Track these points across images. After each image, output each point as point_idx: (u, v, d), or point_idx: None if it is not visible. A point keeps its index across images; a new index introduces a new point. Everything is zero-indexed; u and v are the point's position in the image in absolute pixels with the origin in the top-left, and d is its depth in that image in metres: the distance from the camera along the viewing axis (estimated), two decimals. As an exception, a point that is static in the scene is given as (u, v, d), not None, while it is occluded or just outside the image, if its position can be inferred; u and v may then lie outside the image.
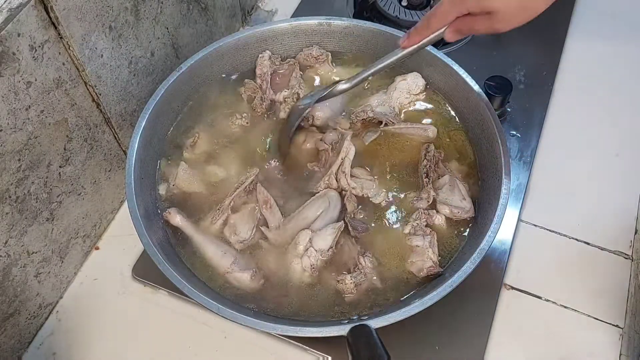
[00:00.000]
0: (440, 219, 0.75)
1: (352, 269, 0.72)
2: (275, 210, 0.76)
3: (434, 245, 0.73)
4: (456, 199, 0.77)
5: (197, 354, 0.78)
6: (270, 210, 0.76)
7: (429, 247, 0.72)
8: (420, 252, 0.72)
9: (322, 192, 0.77)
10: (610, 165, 0.94)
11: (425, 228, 0.74)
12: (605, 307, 0.81)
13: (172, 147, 0.84)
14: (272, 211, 0.76)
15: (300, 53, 0.91)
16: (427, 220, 0.75)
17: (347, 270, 0.72)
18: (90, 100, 0.76)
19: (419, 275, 0.72)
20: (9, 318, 0.73)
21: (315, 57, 0.90)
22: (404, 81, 0.86)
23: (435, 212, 0.75)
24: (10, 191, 0.67)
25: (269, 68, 0.88)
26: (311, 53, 0.90)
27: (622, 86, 1.03)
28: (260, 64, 0.88)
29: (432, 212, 0.75)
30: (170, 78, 0.82)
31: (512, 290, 0.82)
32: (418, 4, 1.09)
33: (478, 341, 0.77)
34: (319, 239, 0.73)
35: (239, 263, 0.73)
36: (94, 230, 0.86)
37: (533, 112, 0.99)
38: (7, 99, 0.62)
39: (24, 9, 0.61)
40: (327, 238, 0.73)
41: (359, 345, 0.59)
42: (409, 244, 0.74)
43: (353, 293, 0.71)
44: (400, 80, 0.87)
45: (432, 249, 0.72)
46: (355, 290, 0.70)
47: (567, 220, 0.88)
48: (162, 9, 0.84)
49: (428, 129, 0.83)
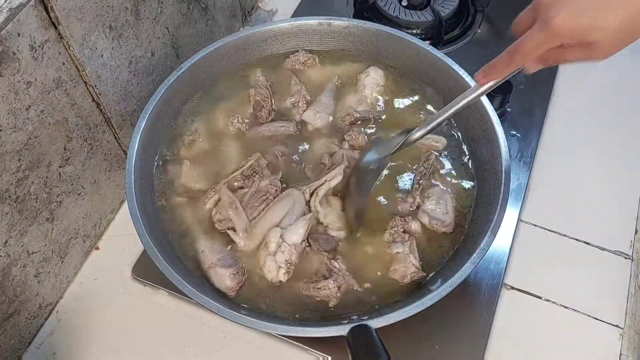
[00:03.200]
0: (416, 225, 0.76)
1: (328, 275, 0.72)
2: (240, 212, 0.75)
3: (414, 251, 0.73)
4: (440, 211, 0.77)
5: (197, 354, 0.78)
6: (236, 211, 0.75)
7: (410, 253, 0.73)
8: (402, 259, 0.73)
9: (285, 192, 0.78)
10: (610, 165, 0.94)
11: (404, 234, 0.75)
12: (605, 307, 0.81)
13: (173, 146, 0.84)
14: (237, 213, 0.75)
15: (288, 60, 0.91)
16: (403, 226, 0.75)
17: (322, 277, 0.72)
18: (90, 100, 0.76)
19: (404, 282, 0.72)
20: (9, 318, 0.73)
21: (302, 62, 0.91)
22: (369, 76, 0.88)
23: (410, 219, 0.76)
24: (10, 191, 0.67)
25: (266, 82, 0.88)
26: (298, 59, 0.91)
27: (622, 86, 1.03)
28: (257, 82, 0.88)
29: (408, 218, 0.76)
30: (171, 78, 0.82)
31: (512, 290, 0.82)
32: (418, 4, 1.09)
33: (478, 341, 0.77)
34: (291, 233, 0.73)
35: (225, 259, 0.73)
36: (94, 230, 0.86)
37: (533, 112, 0.99)
38: (7, 99, 0.62)
39: (24, 9, 0.61)
40: (299, 231, 0.73)
41: (359, 345, 0.59)
42: (389, 252, 0.74)
43: (337, 297, 0.71)
44: (365, 77, 0.88)
45: (413, 254, 0.73)
46: (338, 293, 0.71)
47: (567, 220, 0.88)
48: (162, 9, 0.84)
49: (439, 140, 0.83)
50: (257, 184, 0.78)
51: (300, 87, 0.88)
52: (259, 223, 0.75)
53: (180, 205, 0.79)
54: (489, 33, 1.09)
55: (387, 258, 0.74)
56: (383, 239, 0.75)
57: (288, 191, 0.78)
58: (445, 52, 0.91)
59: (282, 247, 0.72)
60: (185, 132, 0.85)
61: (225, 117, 0.86)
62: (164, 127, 0.83)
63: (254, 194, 0.77)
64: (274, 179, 0.78)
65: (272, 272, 0.72)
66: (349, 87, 0.90)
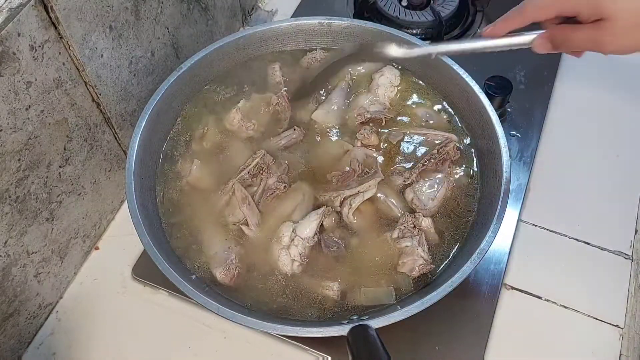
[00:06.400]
0: (427, 222, 0.75)
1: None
2: (253, 207, 0.76)
3: (423, 244, 0.73)
4: (427, 195, 0.77)
5: (197, 354, 0.78)
6: (249, 207, 0.76)
7: (418, 246, 0.72)
8: (410, 252, 0.73)
9: (295, 186, 0.78)
10: (610, 165, 0.94)
11: (413, 229, 0.75)
12: (605, 307, 0.81)
13: (175, 146, 0.84)
14: (250, 208, 0.76)
15: (305, 57, 0.91)
16: (413, 222, 0.75)
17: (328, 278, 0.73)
18: (90, 100, 0.76)
19: (412, 275, 0.72)
20: (8, 318, 0.73)
21: (319, 60, 0.90)
22: (383, 76, 0.88)
23: (421, 216, 0.76)
24: (10, 191, 0.67)
25: (282, 78, 0.88)
26: (315, 56, 0.90)
27: (622, 86, 1.03)
28: (272, 74, 0.89)
29: (419, 215, 0.76)
30: (171, 78, 0.81)
31: (512, 290, 0.82)
32: (418, 4, 1.09)
33: (478, 341, 0.77)
34: (303, 227, 0.74)
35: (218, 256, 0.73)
36: (94, 230, 0.86)
37: (533, 112, 0.99)
38: (7, 99, 0.62)
39: (24, 9, 0.61)
40: (312, 224, 0.74)
41: (359, 345, 0.59)
42: (397, 247, 0.74)
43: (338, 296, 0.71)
44: (379, 77, 0.88)
45: (422, 247, 0.73)
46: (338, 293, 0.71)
47: (567, 220, 0.88)
48: (163, 9, 0.84)
49: (450, 137, 0.83)
50: (266, 181, 0.78)
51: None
52: (270, 217, 0.76)
53: (183, 204, 0.79)
54: (489, 33, 1.09)
55: (395, 253, 0.74)
56: (392, 235, 0.75)
57: (297, 184, 0.78)
58: (445, 52, 0.91)
59: (295, 240, 0.73)
60: (191, 131, 0.84)
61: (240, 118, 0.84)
62: (164, 127, 0.83)
63: (264, 191, 0.78)
64: (282, 175, 0.79)
65: (286, 265, 0.72)
66: (363, 87, 0.89)
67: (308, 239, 0.73)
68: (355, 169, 0.79)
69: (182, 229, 0.76)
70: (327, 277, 0.72)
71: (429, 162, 0.79)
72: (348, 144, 0.82)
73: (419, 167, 0.79)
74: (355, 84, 0.89)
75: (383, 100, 0.86)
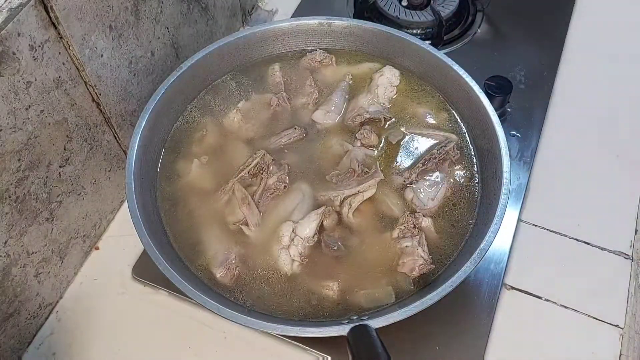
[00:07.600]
0: (427, 222, 0.75)
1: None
2: (253, 207, 0.76)
3: (424, 245, 0.73)
4: (426, 195, 0.77)
5: (197, 354, 0.78)
6: (249, 207, 0.76)
7: (418, 246, 0.72)
8: (410, 252, 0.72)
9: (295, 186, 0.78)
10: (610, 165, 0.94)
11: (413, 230, 0.75)
12: (605, 307, 0.81)
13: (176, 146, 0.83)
14: (250, 208, 0.76)
15: (304, 57, 0.91)
16: (414, 222, 0.75)
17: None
18: (90, 100, 0.76)
19: (412, 275, 0.72)
20: (8, 318, 0.73)
21: (319, 60, 0.90)
22: (383, 76, 0.88)
23: (421, 216, 0.76)
24: (10, 191, 0.67)
25: (281, 78, 0.88)
26: (315, 57, 0.90)
27: (622, 86, 1.03)
28: (272, 74, 0.89)
29: (419, 214, 0.76)
30: (171, 78, 0.81)
31: (512, 290, 0.82)
32: (418, 4, 1.09)
33: (478, 341, 0.77)
34: (303, 227, 0.74)
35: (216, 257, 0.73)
36: (94, 230, 0.86)
37: (533, 112, 0.99)
38: (7, 99, 0.62)
39: (24, 9, 0.61)
40: (312, 224, 0.74)
41: (359, 345, 0.59)
42: (398, 247, 0.74)
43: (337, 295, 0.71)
44: (379, 77, 0.88)
45: (422, 247, 0.73)
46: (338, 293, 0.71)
47: (567, 220, 0.88)
48: (163, 9, 0.84)
49: (450, 137, 0.83)
50: (266, 181, 0.78)
51: (313, 89, 0.87)
52: (270, 217, 0.76)
53: (183, 204, 0.79)
54: (489, 33, 1.09)
55: (395, 253, 0.74)
56: (392, 235, 0.75)
57: (297, 185, 0.78)
58: (445, 52, 0.91)
59: (295, 240, 0.73)
60: (191, 131, 0.84)
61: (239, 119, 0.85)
62: (164, 127, 0.83)
63: (264, 191, 0.78)
64: (282, 175, 0.79)
65: (286, 265, 0.72)
66: (362, 87, 0.89)
67: (308, 239, 0.73)
68: (355, 168, 0.79)
69: (182, 229, 0.76)
70: (327, 277, 0.72)
71: (429, 162, 0.79)
72: (348, 144, 0.82)
73: (419, 167, 0.79)
74: (355, 84, 0.89)
75: (382, 100, 0.86)
